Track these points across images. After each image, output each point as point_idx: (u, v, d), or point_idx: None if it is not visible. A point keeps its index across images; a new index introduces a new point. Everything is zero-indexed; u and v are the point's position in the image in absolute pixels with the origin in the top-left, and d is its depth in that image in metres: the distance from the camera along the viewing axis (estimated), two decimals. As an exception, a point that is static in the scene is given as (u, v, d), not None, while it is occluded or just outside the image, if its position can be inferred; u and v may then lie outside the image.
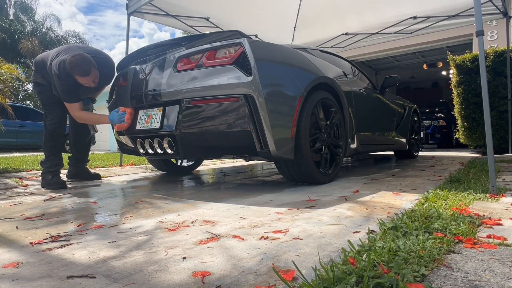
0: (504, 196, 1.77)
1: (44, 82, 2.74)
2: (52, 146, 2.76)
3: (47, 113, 2.77)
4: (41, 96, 2.79)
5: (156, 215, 1.62)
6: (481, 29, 1.93)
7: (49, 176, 2.67)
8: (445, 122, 8.98)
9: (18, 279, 0.90)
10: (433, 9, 5.16)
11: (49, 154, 2.75)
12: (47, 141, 2.76)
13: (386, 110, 3.80)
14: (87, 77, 2.57)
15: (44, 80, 2.74)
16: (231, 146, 2.25)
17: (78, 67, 2.51)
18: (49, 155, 2.74)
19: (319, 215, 1.50)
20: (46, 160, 2.74)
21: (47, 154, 2.76)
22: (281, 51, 2.34)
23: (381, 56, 10.24)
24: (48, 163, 2.72)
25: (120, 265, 0.97)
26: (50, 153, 2.75)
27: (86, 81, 2.60)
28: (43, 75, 2.74)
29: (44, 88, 2.74)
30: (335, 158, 2.61)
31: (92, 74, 2.59)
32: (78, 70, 2.51)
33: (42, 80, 2.74)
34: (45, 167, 2.72)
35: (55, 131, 2.75)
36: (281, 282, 0.81)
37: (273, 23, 6.05)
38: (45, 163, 2.73)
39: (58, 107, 2.74)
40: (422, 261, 0.87)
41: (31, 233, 1.34)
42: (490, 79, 4.75)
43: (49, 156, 2.74)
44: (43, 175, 2.72)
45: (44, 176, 2.70)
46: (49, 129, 2.74)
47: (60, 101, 2.69)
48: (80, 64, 2.51)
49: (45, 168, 2.72)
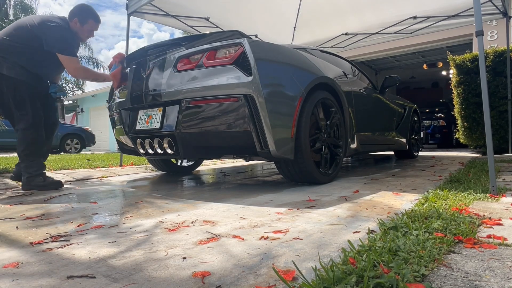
0: (504, 196, 1.77)
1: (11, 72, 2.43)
2: (40, 147, 2.58)
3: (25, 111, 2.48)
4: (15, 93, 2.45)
5: (156, 215, 1.62)
6: (481, 29, 1.93)
7: (40, 178, 2.54)
8: (445, 122, 8.98)
9: (18, 279, 0.89)
10: (433, 9, 5.16)
11: (37, 158, 2.55)
12: (36, 143, 2.53)
13: (386, 110, 3.80)
14: (99, 24, 2.73)
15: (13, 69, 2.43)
16: (231, 146, 2.25)
17: (94, 12, 2.70)
18: (36, 158, 2.54)
19: (319, 215, 1.50)
20: (32, 164, 2.52)
21: (33, 158, 2.53)
22: (281, 51, 2.34)
23: (381, 56, 10.25)
24: (35, 166, 2.53)
25: (120, 265, 0.97)
26: (39, 157, 2.57)
27: (94, 29, 2.70)
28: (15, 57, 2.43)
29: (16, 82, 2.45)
30: (335, 158, 2.61)
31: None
32: (95, 14, 2.70)
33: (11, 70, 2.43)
34: (30, 171, 2.51)
35: (39, 130, 2.55)
36: (281, 282, 0.81)
37: (273, 23, 6.05)
38: (31, 167, 2.52)
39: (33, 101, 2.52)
40: (422, 261, 0.87)
41: (31, 233, 1.34)
42: (490, 79, 4.75)
43: (36, 160, 2.55)
44: (28, 179, 2.50)
45: (32, 180, 2.50)
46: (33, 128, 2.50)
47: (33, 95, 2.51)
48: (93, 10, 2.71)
49: (30, 172, 2.51)
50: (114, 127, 2.96)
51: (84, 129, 11.42)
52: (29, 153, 2.51)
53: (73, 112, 20.08)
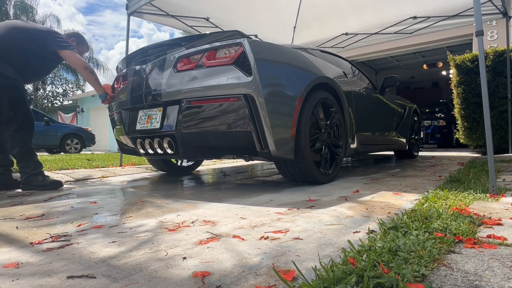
0: (504, 196, 1.77)
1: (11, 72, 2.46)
2: (32, 147, 2.62)
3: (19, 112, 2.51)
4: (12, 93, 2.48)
5: (156, 215, 1.62)
6: (481, 29, 1.93)
7: (40, 177, 2.56)
8: (445, 122, 8.99)
9: (19, 279, 0.89)
10: (433, 9, 5.16)
11: (32, 156, 2.59)
12: (29, 142, 2.57)
13: (386, 110, 3.81)
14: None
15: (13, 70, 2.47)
16: (231, 146, 2.25)
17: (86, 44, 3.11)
18: (32, 157, 2.58)
19: (319, 215, 1.51)
20: (29, 163, 2.54)
21: (29, 157, 2.55)
22: (281, 51, 2.34)
23: (381, 56, 10.25)
24: (31, 166, 2.55)
25: (121, 265, 0.97)
26: (34, 155, 2.60)
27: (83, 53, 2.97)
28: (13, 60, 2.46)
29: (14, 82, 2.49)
30: (335, 158, 2.61)
31: None
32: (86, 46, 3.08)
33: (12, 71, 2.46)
34: (28, 170, 2.54)
35: (31, 129, 2.61)
36: (281, 282, 0.81)
37: (273, 23, 6.05)
38: (28, 166, 2.54)
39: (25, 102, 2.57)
40: (422, 261, 0.87)
41: (31, 233, 1.34)
42: (490, 79, 4.75)
43: (32, 158, 2.58)
44: (28, 179, 2.53)
45: (31, 180, 2.53)
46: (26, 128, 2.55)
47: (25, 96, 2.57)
48: None
49: (28, 172, 2.54)
50: (114, 127, 2.97)
51: (84, 129, 11.41)
52: (24, 152, 2.53)
53: (73, 112, 20.09)
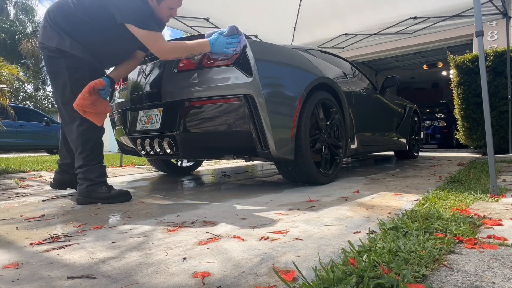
0: (504, 196, 1.77)
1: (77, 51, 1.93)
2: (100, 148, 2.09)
3: None
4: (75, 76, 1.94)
5: (156, 215, 1.62)
6: (481, 29, 1.93)
7: (103, 187, 2.02)
8: (445, 123, 8.98)
9: (18, 280, 0.89)
10: (433, 9, 5.17)
11: (100, 160, 2.07)
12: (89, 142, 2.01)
13: (386, 110, 3.80)
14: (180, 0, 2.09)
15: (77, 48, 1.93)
16: (231, 146, 2.25)
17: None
18: (99, 161, 2.07)
19: (319, 215, 1.50)
20: (94, 168, 2.02)
21: (95, 161, 2.03)
22: (281, 51, 2.34)
23: (381, 57, 10.24)
24: (97, 171, 2.02)
25: (121, 265, 0.97)
26: (99, 158, 2.07)
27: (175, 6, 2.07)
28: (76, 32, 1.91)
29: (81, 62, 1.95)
30: (335, 158, 2.61)
31: None
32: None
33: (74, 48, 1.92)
34: (93, 177, 2.00)
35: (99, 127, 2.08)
36: (281, 282, 0.81)
37: (273, 23, 6.05)
38: (92, 172, 2.00)
39: None
40: (422, 261, 0.87)
41: (31, 234, 1.34)
42: (490, 79, 4.75)
43: (99, 163, 2.06)
44: (89, 188, 1.98)
45: (93, 189, 1.99)
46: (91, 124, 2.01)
47: None
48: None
49: (94, 179, 2.00)
50: (114, 128, 2.97)
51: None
52: (89, 153, 2.00)
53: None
